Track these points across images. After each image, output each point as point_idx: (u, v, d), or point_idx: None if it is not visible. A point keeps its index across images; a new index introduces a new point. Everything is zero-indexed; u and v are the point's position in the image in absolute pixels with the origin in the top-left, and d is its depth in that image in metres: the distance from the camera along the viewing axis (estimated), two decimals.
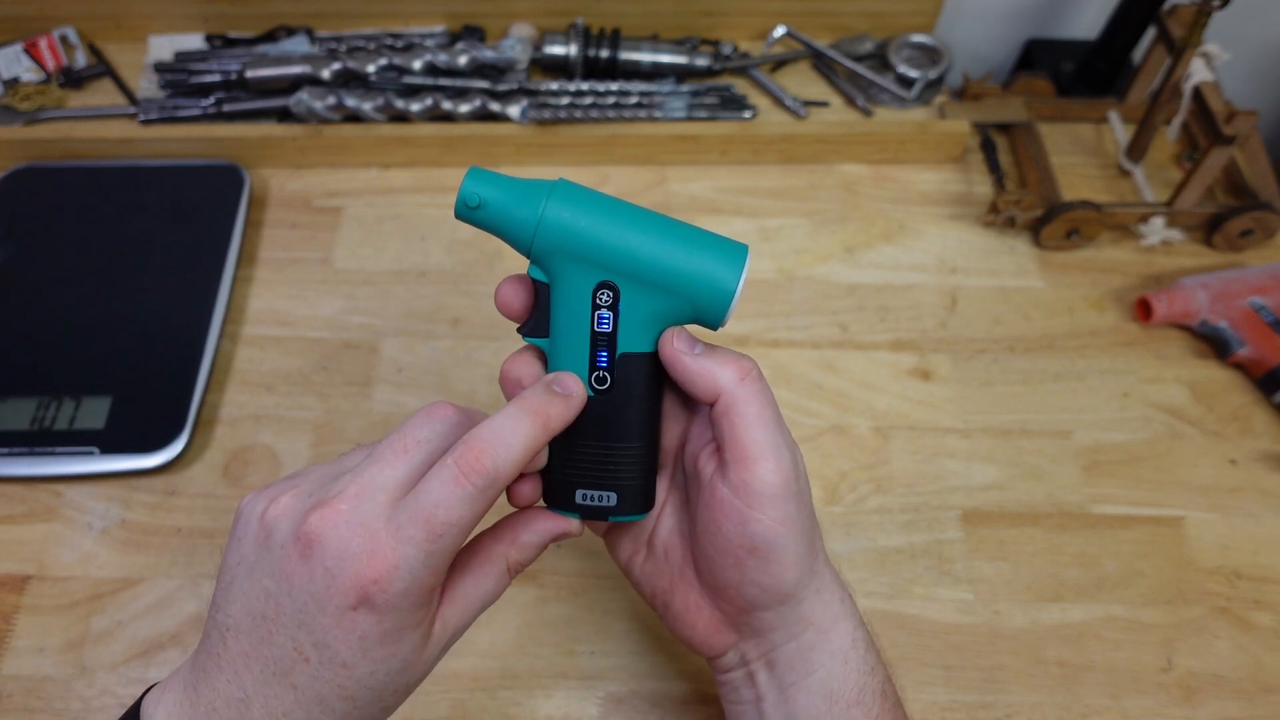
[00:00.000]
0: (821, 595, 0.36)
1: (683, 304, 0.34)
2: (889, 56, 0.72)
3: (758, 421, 0.34)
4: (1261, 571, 0.53)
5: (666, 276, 0.34)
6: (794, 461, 0.34)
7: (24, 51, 0.70)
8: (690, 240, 0.34)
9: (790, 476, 0.34)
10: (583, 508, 0.36)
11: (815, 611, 0.36)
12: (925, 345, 0.61)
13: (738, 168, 0.69)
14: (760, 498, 0.33)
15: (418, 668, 0.33)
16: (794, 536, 0.34)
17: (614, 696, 0.48)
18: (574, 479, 0.36)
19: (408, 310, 0.62)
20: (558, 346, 0.35)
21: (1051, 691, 0.49)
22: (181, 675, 0.32)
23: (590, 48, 0.69)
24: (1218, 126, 0.59)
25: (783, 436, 0.34)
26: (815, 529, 0.36)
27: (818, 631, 0.36)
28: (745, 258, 0.34)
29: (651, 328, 0.35)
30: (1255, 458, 0.57)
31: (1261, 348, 0.58)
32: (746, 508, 0.33)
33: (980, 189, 0.69)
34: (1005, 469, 0.56)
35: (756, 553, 0.34)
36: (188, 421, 0.55)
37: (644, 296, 0.34)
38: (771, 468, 0.33)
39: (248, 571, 0.31)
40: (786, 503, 0.33)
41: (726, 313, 0.35)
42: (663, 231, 0.34)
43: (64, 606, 0.50)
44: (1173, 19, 0.62)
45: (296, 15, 0.72)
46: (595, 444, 0.36)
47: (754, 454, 0.33)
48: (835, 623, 0.36)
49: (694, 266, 0.34)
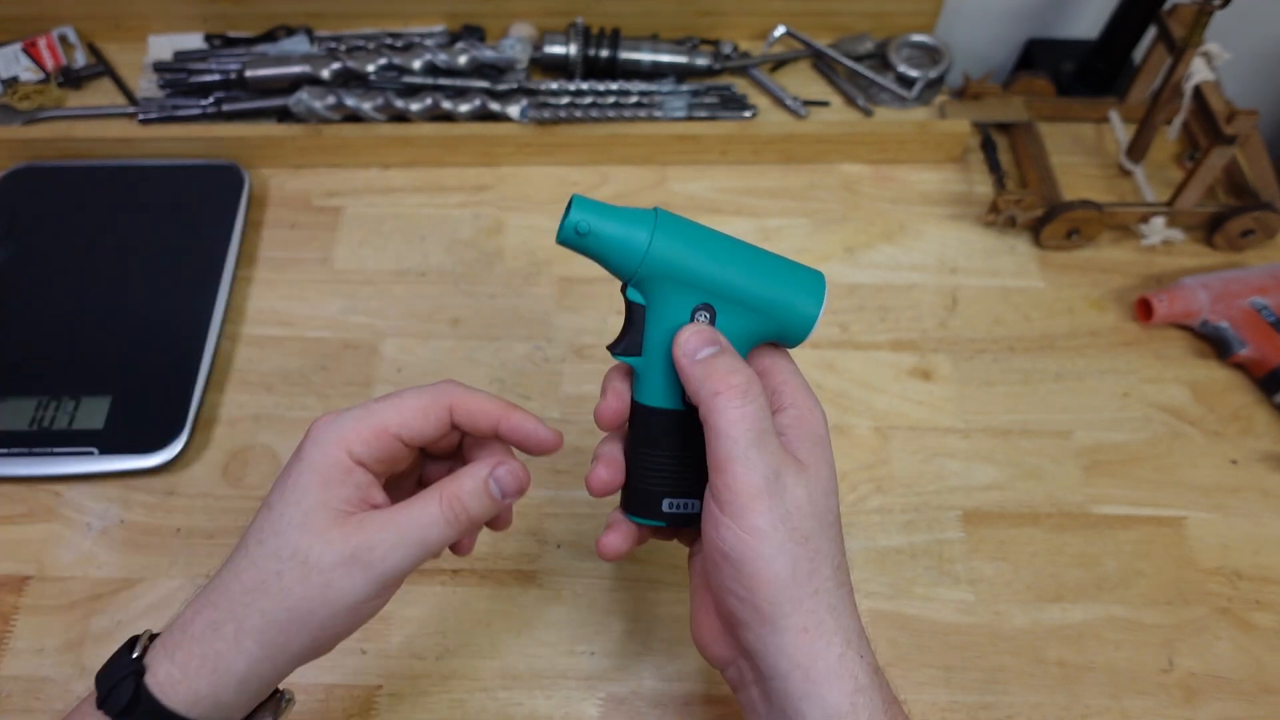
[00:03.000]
0: (811, 640, 0.34)
1: (770, 325, 0.37)
2: (889, 56, 0.71)
3: (726, 433, 0.34)
4: (1262, 572, 0.53)
5: (760, 300, 0.37)
6: (769, 476, 0.34)
7: (23, 51, 0.70)
8: (779, 268, 0.38)
9: (760, 489, 0.34)
10: (670, 515, 0.39)
11: (800, 654, 0.34)
12: (925, 345, 0.61)
13: (738, 168, 0.69)
14: (729, 505, 0.34)
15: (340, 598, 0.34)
16: (766, 554, 0.34)
17: (614, 696, 0.48)
18: (662, 489, 0.39)
19: (408, 310, 0.62)
20: (650, 366, 0.38)
21: (1052, 692, 0.49)
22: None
23: (590, 47, 0.69)
24: (1218, 126, 0.59)
25: (759, 453, 0.34)
26: (811, 562, 0.34)
27: (806, 679, 0.33)
28: (824, 286, 0.38)
29: (739, 346, 0.37)
30: (1256, 458, 0.57)
31: (1262, 348, 0.58)
32: (719, 512, 0.34)
33: (980, 189, 0.69)
34: (1005, 469, 0.56)
35: (728, 559, 0.34)
36: (187, 421, 0.55)
37: (737, 317, 0.37)
38: (737, 474, 0.34)
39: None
40: (756, 516, 0.34)
41: (806, 336, 0.38)
42: (756, 259, 0.38)
43: (63, 607, 0.50)
44: (1173, 19, 0.62)
45: (296, 15, 0.72)
46: (682, 456, 0.38)
47: (721, 463, 0.34)
48: (828, 678, 0.33)
49: (784, 293, 0.37)
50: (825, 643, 0.34)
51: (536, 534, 0.53)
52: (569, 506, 0.54)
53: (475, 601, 0.51)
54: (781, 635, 0.34)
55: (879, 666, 0.36)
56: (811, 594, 0.34)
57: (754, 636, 0.34)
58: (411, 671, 0.49)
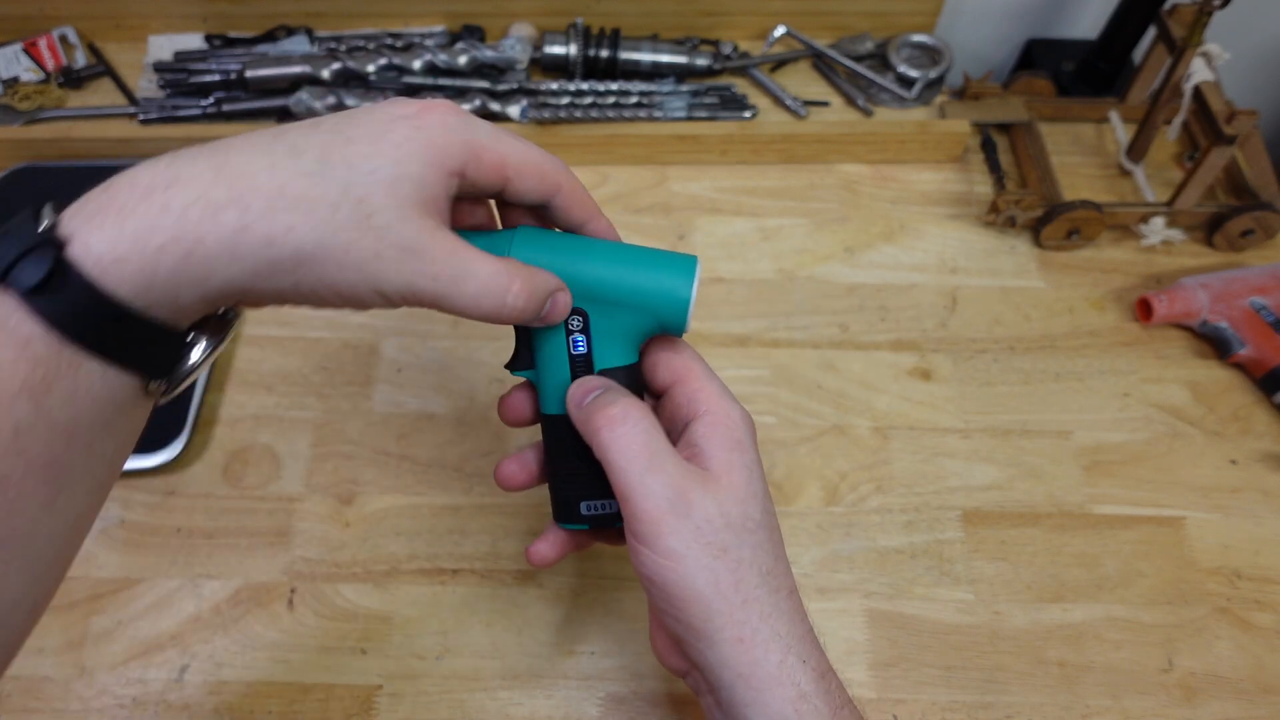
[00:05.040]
0: (747, 649, 0.34)
1: (645, 317, 0.37)
2: (889, 56, 0.71)
3: (618, 465, 0.34)
4: (1262, 572, 0.53)
5: (628, 295, 0.37)
6: (671, 499, 0.34)
7: (23, 51, 0.70)
8: (644, 260, 0.37)
9: (665, 511, 0.34)
10: (590, 518, 0.40)
11: (741, 663, 0.34)
12: (925, 345, 0.61)
13: (738, 168, 0.69)
14: (638, 534, 0.34)
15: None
16: (687, 573, 0.34)
17: (614, 696, 0.48)
18: (578, 494, 0.39)
19: (407, 310, 0.61)
20: (543, 374, 0.39)
21: (1052, 692, 0.49)
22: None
23: (590, 48, 0.69)
24: (1218, 126, 0.59)
25: (654, 477, 0.34)
26: (735, 575, 0.34)
27: (749, 687, 0.34)
28: (695, 268, 0.37)
29: (623, 343, 0.38)
30: (1256, 458, 0.57)
31: (1262, 348, 0.58)
32: (634, 540, 0.35)
33: (980, 189, 0.69)
34: (1005, 469, 0.56)
35: (653, 584, 0.35)
36: (187, 422, 0.55)
37: (610, 317, 0.37)
38: (639, 499, 0.34)
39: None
40: (666, 539, 0.34)
41: (685, 319, 0.37)
42: (619, 256, 0.37)
43: (63, 607, 0.50)
44: (1173, 19, 0.62)
45: (296, 15, 0.72)
46: (589, 458, 0.37)
47: (623, 494, 0.35)
48: (769, 685, 0.34)
49: (650, 282, 0.37)
50: (763, 651, 0.34)
51: (536, 534, 0.53)
52: None
53: (475, 601, 0.51)
54: (718, 648, 0.34)
55: (829, 669, 0.36)
56: (740, 605, 0.34)
57: (695, 652, 0.35)
58: (411, 671, 0.49)
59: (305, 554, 0.52)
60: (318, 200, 0.29)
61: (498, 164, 0.34)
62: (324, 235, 0.29)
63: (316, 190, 0.29)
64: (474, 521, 0.54)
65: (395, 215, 0.30)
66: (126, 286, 0.27)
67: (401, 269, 0.30)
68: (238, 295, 0.29)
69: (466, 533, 0.53)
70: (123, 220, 0.27)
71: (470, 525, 0.53)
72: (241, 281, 0.29)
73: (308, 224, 0.29)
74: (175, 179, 0.28)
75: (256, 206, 0.28)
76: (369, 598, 0.51)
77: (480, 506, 0.54)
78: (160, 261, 0.27)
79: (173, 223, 0.27)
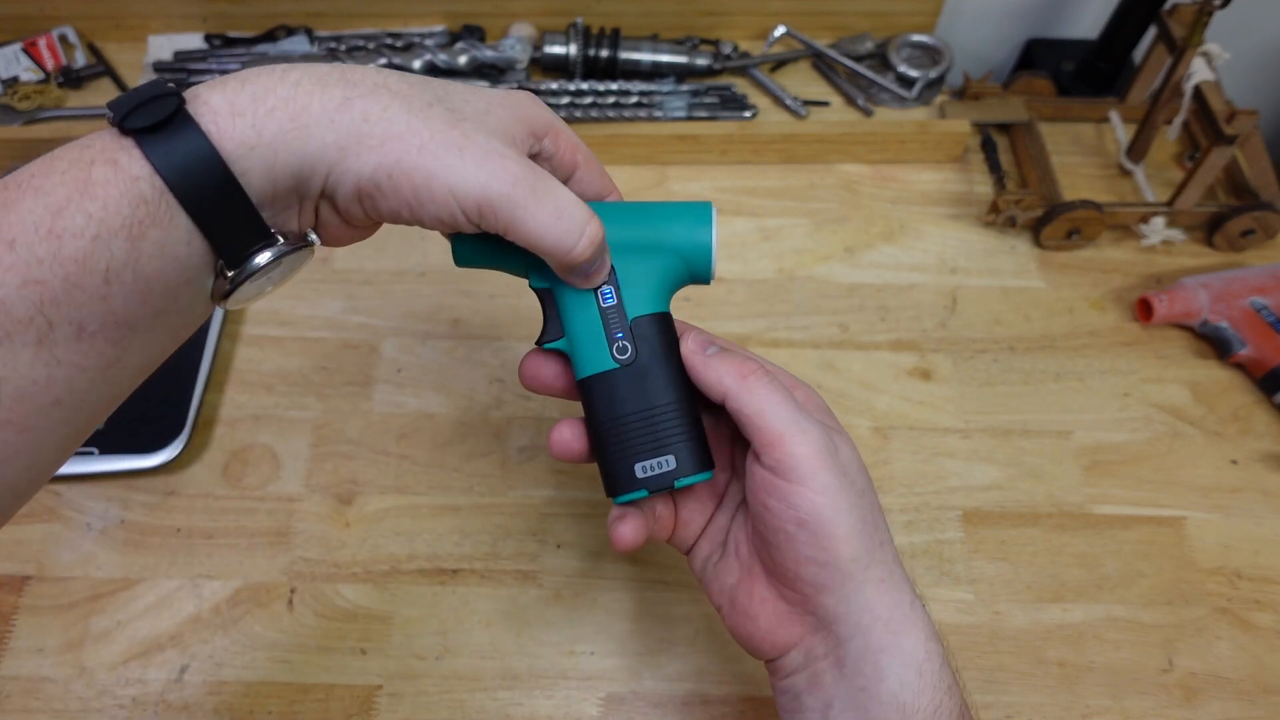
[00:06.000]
0: (887, 589, 0.35)
1: (672, 261, 0.38)
2: (889, 56, 0.71)
3: (768, 408, 0.35)
4: (1262, 572, 0.53)
5: (651, 241, 0.37)
6: (824, 438, 0.35)
7: (23, 51, 0.70)
8: (662, 209, 0.38)
9: (821, 450, 0.34)
10: (646, 480, 0.37)
11: (881, 605, 0.34)
12: (925, 345, 0.61)
13: (738, 167, 0.69)
14: (794, 472, 0.34)
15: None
16: (841, 509, 0.34)
17: (614, 696, 0.48)
18: (630, 455, 0.37)
19: (407, 310, 0.62)
20: (576, 335, 0.38)
21: (1052, 692, 0.49)
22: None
23: (590, 47, 0.69)
24: (1218, 126, 0.59)
25: (804, 416, 0.35)
26: (873, 515, 0.36)
27: (887, 630, 0.34)
28: (711, 209, 0.38)
29: (653, 289, 0.38)
30: (1256, 458, 0.57)
31: (1262, 348, 0.58)
32: (785, 482, 0.34)
33: (981, 189, 0.69)
34: (1005, 469, 0.56)
35: (805, 525, 0.34)
36: (187, 422, 0.55)
37: (636, 263, 0.37)
38: (797, 441, 0.34)
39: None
40: (824, 474, 0.34)
41: (710, 260, 0.38)
42: (636, 209, 0.38)
43: (63, 607, 0.50)
44: (1173, 18, 0.62)
45: (296, 15, 0.72)
46: (636, 413, 0.37)
47: (775, 436, 0.35)
48: (906, 626, 0.34)
49: (670, 224, 0.38)
50: (899, 593, 0.35)
51: (536, 534, 0.53)
52: (569, 507, 0.54)
53: (475, 601, 0.51)
54: (864, 589, 0.34)
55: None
56: (879, 545, 0.35)
57: (836, 599, 0.35)
58: (411, 671, 0.49)
59: (305, 554, 0.52)
60: (415, 96, 0.31)
61: (572, 147, 0.37)
62: (414, 119, 0.31)
63: (415, 91, 0.32)
64: (474, 521, 0.54)
65: (483, 128, 0.32)
66: (234, 141, 0.29)
67: (483, 166, 0.31)
68: (325, 170, 0.30)
69: (466, 533, 0.53)
70: (242, 85, 0.29)
71: (470, 525, 0.53)
72: (332, 153, 0.30)
73: (403, 108, 0.31)
74: (296, 65, 0.31)
75: (361, 88, 0.31)
76: (369, 598, 0.51)
77: (480, 506, 0.54)
78: (268, 122, 0.29)
79: (287, 90, 0.30)
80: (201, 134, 0.28)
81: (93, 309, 0.28)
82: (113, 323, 0.28)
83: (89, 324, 0.28)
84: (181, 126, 0.28)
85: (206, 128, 0.28)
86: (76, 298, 0.27)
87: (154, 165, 0.28)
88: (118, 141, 0.28)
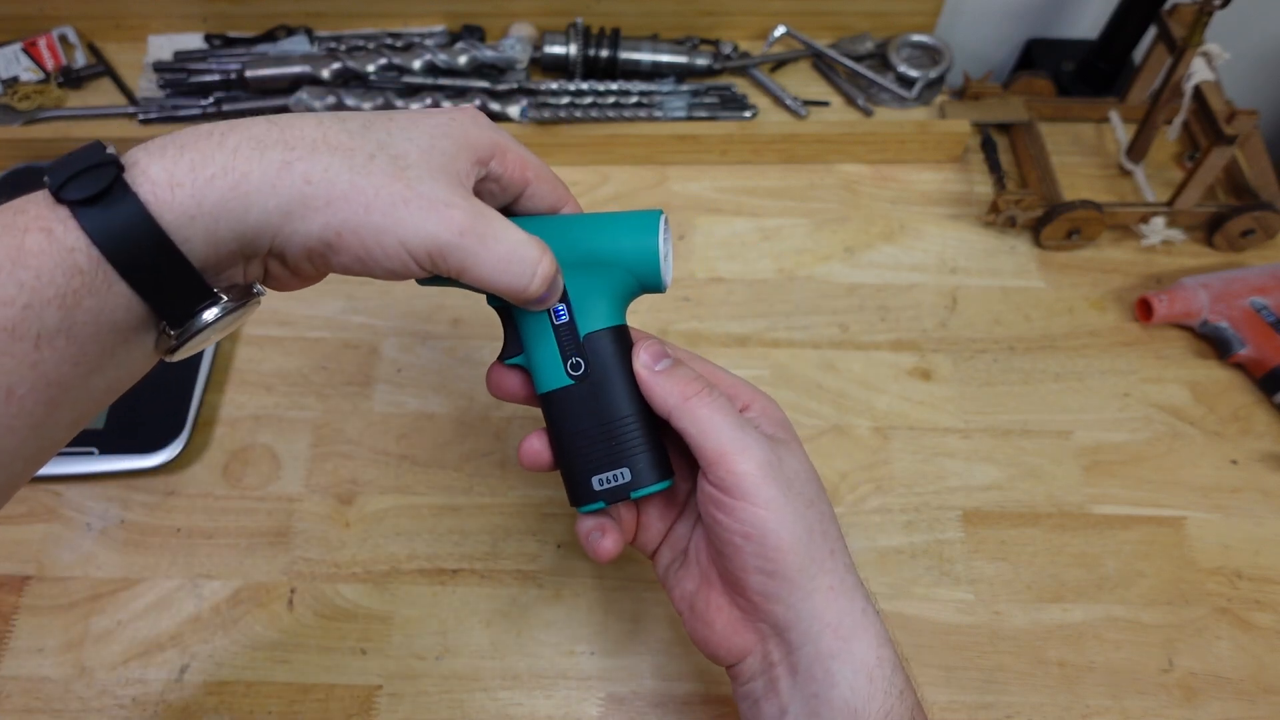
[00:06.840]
0: (837, 597, 0.35)
1: (621, 273, 0.37)
2: (889, 56, 0.71)
3: (709, 428, 0.36)
4: (1262, 572, 0.53)
5: (597, 254, 0.37)
6: (767, 453, 0.36)
7: (23, 51, 0.70)
8: (608, 220, 0.38)
9: (763, 465, 0.35)
10: (604, 493, 0.38)
11: (830, 612, 0.35)
12: (925, 345, 0.61)
13: (738, 167, 0.69)
14: (737, 489, 0.35)
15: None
16: (786, 521, 0.35)
17: (614, 696, 0.48)
18: (588, 468, 0.38)
19: (407, 310, 0.62)
20: (532, 353, 0.38)
21: (1052, 692, 0.49)
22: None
23: (590, 47, 0.69)
24: (1218, 126, 0.59)
25: (747, 433, 0.36)
26: (821, 524, 0.36)
27: (836, 637, 0.35)
28: (658, 217, 0.38)
29: (604, 305, 0.38)
30: (1256, 458, 0.57)
31: (1262, 347, 0.58)
32: (730, 499, 0.35)
33: (981, 189, 0.69)
34: (1005, 469, 0.56)
35: (750, 538, 0.35)
36: (187, 422, 0.55)
37: (587, 279, 0.37)
38: (738, 459, 0.35)
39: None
40: (766, 489, 0.35)
41: (659, 272, 0.37)
42: (584, 222, 0.38)
43: (63, 607, 0.50)
44: (1173, 18, 0.62)
45: (296, 15, 0.72)
46: (592, 427, 0.38)
47: (717, 455, 0.35)
48: (857, 633, 0.35)
49: (616, 237, 0.37)
50: (849, 600, 0.36)
51: (536, 534, 0.53)
52: (569, 507, 0.54)
53: (475, 601, 0.51)
54: (812, 598, 0.35)
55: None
56: (829, 553, 0.36)
57: (784, 607, 0.35)
58: (411, 671, 0.49)
59: (305, 554, 0.52)
60: (356, 150, 0.31)
61: (521, 164, 0.36)
62: (357, 176, 0.31)
63: (356, 142, 0.31)
64: (474, 521, 0.54)
65: (427, 172, 0.32)
66: (174, 212, 0.28)
67: (429, 218, 0.31)
68: (269, 235, 0.30)
69: (466, 533, 0.53)
70: (181, 152, 0.29)
71: (470, 525, 0.53)
72: (275, 219, 0.30)
73: (344, 165, 0.31)
74: (233, 127, 0.31)
75: (300, 148, 0.30)
76: (369, 598, 0.51)
77: (480, 506, 0.54)
78: (209, 191, 0.29)
79: (225, 157, 0.29)
80: (140, 205, 0.28)
81: (22, 374, 0.27)
82: (44, 384, 0.28)
83: (18, 387, 0.27)
84: (121, 197, 0.27)
85: (145, 198, 0.28)
86: (4, 363, 0.27)
87: (91, 237, 0.27)
88: (53, 210, 0.27)
